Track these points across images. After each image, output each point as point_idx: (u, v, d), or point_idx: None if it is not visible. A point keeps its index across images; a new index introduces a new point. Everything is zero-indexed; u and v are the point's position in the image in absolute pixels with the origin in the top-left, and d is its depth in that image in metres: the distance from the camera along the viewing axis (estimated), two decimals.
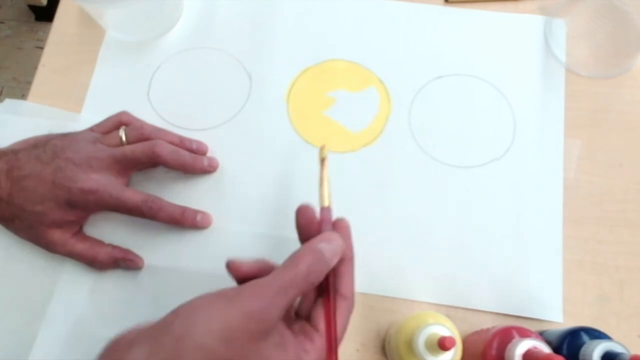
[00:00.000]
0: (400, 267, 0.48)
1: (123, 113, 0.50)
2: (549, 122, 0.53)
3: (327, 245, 0.34)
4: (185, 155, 0.49)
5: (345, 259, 0.35)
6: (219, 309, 0.30)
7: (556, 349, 0.39)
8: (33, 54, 1.57)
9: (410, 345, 0.40)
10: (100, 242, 0.48)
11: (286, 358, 0.31)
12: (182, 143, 0.50)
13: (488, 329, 0.42)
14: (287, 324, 0.34)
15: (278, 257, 0.37)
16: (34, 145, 0.45)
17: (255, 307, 0.30)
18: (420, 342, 0.38)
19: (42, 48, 0.57)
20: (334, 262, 0.34)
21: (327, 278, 0.34)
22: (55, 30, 0.58)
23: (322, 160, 0.41)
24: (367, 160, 0.52)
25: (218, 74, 0.55)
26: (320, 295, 0.35)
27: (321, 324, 0.34)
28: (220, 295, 0.31)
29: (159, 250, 0.48)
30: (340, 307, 0.34)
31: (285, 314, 0.33)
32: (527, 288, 0.48)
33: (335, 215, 0.39)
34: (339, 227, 0.37)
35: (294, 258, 0.33)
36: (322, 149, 0.42)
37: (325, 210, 0.38)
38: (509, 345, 0.37)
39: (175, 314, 0.31)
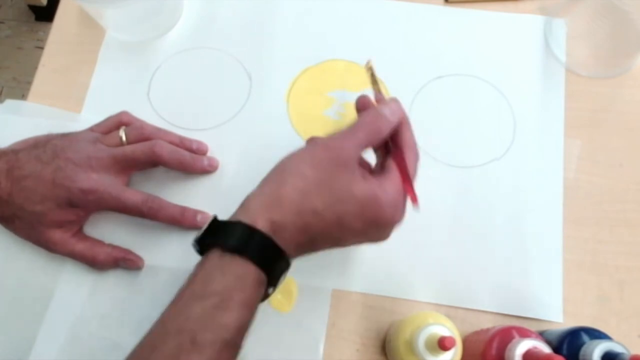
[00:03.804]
0: (400, 267, 0.48)
1: (123, 113, 0.50)
2: (549, 122, 0.53)
3: (385, 107, 0.41)
4: (185, 155, 0.49)
5: (403, 122, 0.41)
6: (306, 149, 0.39)
7: (556, 349, 0.39)
8: (33, 54, 1.57)
9: (410, 345, 0.40)
10: (100, 242, 0.48)
11: (367, 186, 0.38)
12: (182, 143, 0.50)
13: (488, 329, 0.42)
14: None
15: None
16: (34, 145, 0.45)
17: (331, 142, 0.39)
18: (420, 342, 0.38)
19: (42, 48, 0.57)
20: (394, 118, 0.40)
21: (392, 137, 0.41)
22: (55, 30, 0.58)
23: (370, 70, 0.47)
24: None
25: (218, 74, 0.55)
26: (389, 152, 0.42)
27: (394, 166, 0.40)
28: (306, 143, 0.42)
29: (159, 250, 0.48)
30: (408, 154, 0.40)
31: (364, 167, 0.42)
32: (527, 288, 0.48)
33: None
34: (393, 101, 0.42)
35: (359, 116, 0.41)
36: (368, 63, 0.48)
37: (380, 96, 0.45)
38: (509, 345, 0.37)
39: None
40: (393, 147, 0.41)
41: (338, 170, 0.37)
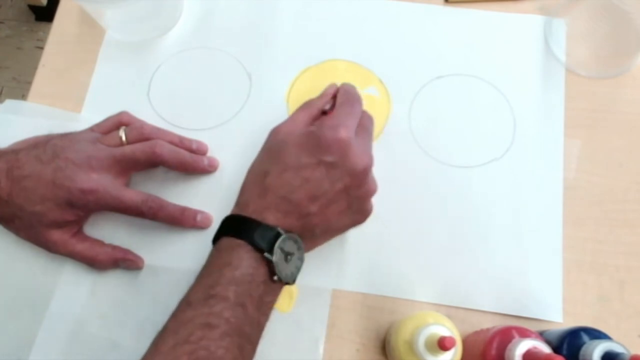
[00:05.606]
0: (400, 267, 0.48)
1: (123, 113, 0.50)
2: (549, 122, 0.53)
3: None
4: (185, 155, 0.49)
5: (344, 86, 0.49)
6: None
7: (556, 349, 0.39)
8: (33, 54, 1.57)
9: (410, 345, 0.40)
10: (100, 242, 0.48)
11: (307, 127, 0.44)
12: (182, 143, 0.50)
13: (488, 329, 0.42)
14: None
15: None
16: (34, 145, 0.45)
17: (277, 127, 0.46)
18: (420, 342, 0.38)
19: (42, 48, 0.57)
20: (330, 91, 0.50)
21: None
22: (55, 30, 0.58)
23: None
24: None
25: (218, 74, 0.55)
26: None
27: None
28: None
29: (159, 250, 0.48)
30: (339, 94, 0.48)
31: None
32: (527, 288, 0.48)
33: None
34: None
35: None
36: None
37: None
38: (509, 345, 0.37)
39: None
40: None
41: (277, 134, 0.45)
